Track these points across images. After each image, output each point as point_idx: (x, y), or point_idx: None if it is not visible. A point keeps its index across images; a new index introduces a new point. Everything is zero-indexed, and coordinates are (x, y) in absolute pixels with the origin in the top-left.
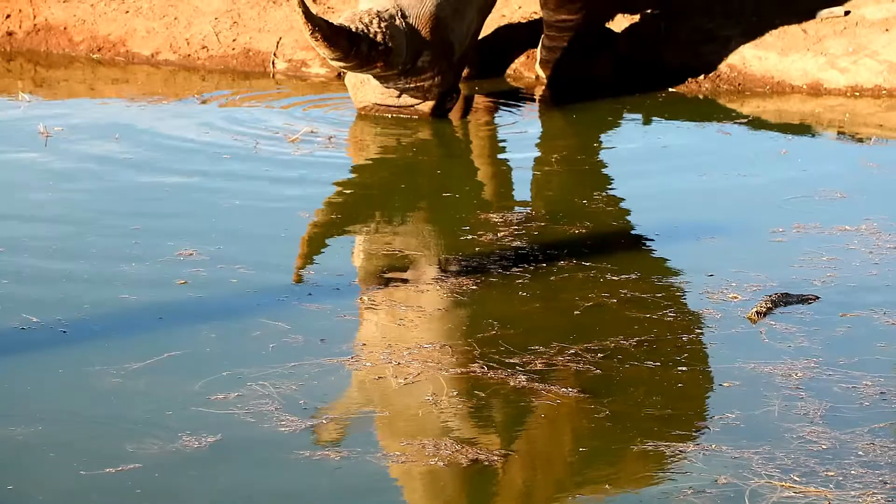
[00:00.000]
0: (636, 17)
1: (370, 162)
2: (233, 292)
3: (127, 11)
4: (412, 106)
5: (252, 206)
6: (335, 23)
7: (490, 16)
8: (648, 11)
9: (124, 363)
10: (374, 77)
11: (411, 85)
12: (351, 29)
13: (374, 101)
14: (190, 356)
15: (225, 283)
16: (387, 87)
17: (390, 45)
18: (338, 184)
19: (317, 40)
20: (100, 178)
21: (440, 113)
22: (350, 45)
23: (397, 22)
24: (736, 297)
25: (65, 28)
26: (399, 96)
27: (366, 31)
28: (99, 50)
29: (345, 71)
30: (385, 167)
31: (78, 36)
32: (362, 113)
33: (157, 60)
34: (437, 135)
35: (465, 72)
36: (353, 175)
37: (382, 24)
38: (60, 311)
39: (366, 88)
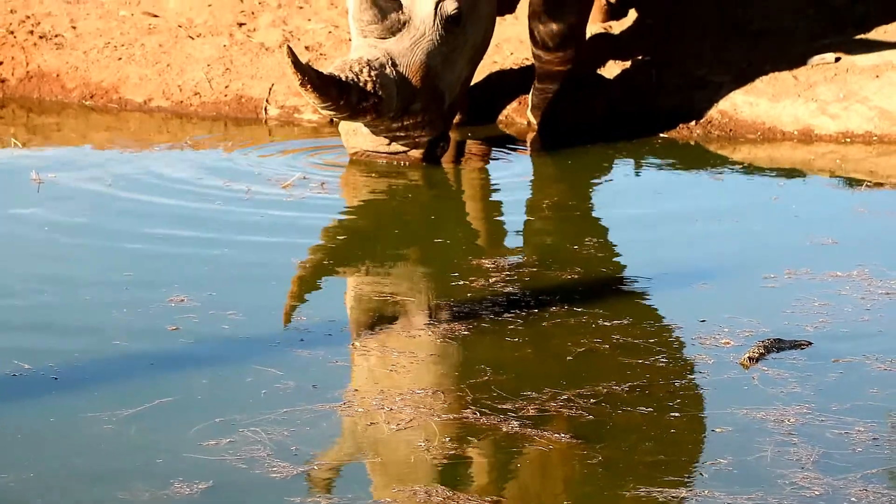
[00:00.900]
0: (628, 64)
1: (362, 207)
2: (224, 338)
3: (120, 58)
4: (403, 153)
5: (244, 251)
6: (325, 72)
7: (482, 62)
8: (640, 58)
9: (116, 410)
10: (365, 125)
11: (401, 133)
12: (341, 78)
13: (366, 148)
14: (181, 402)
15: (216, 329)
16: (377, 135)
17: (380, 93)
18: (330, 229)
19: (306, 89)
20: (92, 225)
21: (431, 160)
22: (340, 94)
23: (387, 71)
24: (728, 343)
25: (57, 75)
26: (389, 143)
27: (356, 80)
28: (91, 97)
29: (337, 118)
30: (377, 212)
31: (71, 83)
32: (354, 158)
33: (150, 107)
34: (430, 180)
35: (457, 118)
36: (346, 220)
37: (372, 73)
38: (52, 357)
39: (358, 136)
